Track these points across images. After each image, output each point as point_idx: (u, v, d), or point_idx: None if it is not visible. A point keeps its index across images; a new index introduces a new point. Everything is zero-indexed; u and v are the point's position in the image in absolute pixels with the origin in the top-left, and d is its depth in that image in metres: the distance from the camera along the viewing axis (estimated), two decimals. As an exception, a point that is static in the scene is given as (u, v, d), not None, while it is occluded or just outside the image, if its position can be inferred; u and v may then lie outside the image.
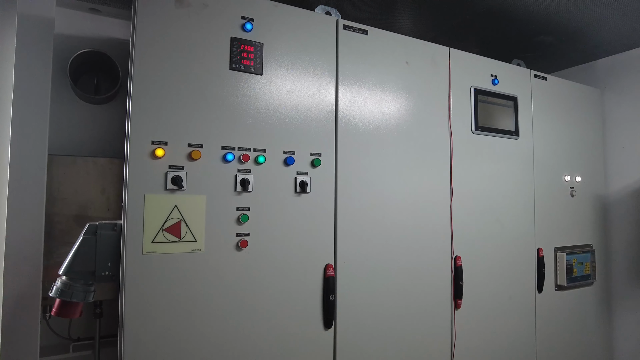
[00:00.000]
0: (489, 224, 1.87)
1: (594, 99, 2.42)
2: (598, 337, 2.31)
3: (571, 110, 2.28)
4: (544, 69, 2.71)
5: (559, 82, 2.23)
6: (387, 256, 1.58)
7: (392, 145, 1.63)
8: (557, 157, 2.17)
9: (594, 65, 2.58)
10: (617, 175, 2.42)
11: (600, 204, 2.37)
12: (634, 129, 2.36)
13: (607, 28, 2.17)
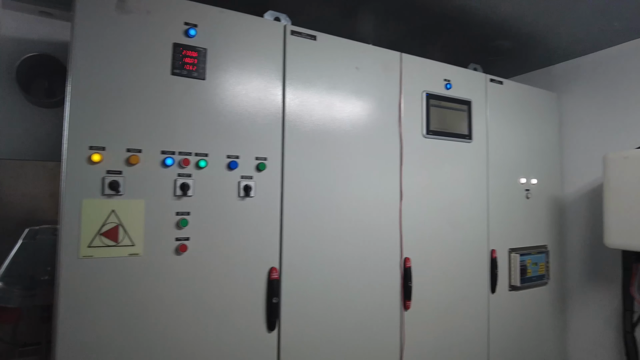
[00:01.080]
0: (441, 226, 1.90)
1: (551, 102, 2.48)
2: (552, 336, 2.37)
3: (528, 113, 2.33)
4: (504, 73, 2.77)
5: (515, 86, 2.28)
6: (335, 258, 1.60)
7: (342, 149, 1.65)
8: (512, 159, 2.22)
9: (551, 69, 2.64)
10: (572, 177, 2.49)
11: (556, 205, 2.43)
12: (588, 132, 2.43)
13: (562, 34, 2.23)
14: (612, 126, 2.32)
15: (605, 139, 2.34)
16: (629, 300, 2.15)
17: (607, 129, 2.34)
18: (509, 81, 2.25)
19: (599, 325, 2.34)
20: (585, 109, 2.45)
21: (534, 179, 2.30)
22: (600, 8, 1.93)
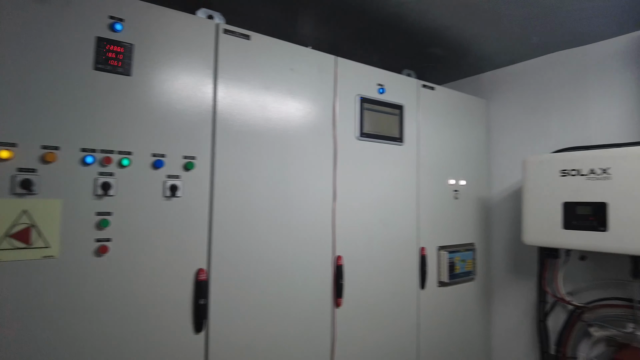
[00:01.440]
0: (373, 225, 1.97)
1: (480, 108, 2.64)
2: (478, 328, 2.53)
3: (458, 118, 2.46)
4: (438, 79, 2.90)
5: (446, 92, 2.40)
6: (267, 259, 1.62)
7: (276, 150, 1.67)
8: (442, 161, 2.33)
9: (480, 77, 2.81)
10: (498, 179, 2.66)
11: (483, 205, 2.59)
12: (513, 136, 2.61)
13: (490, 44, 2.38)
14: (533, 132, 2.51)
15: (528, 144, 2.53)
16: (543, 293, 2.34)
17: (529, 134, 2.53)
18: (440, 87, 2.36)
19: (518, 315, 2.52)
20: (511, 116, 2.63)
21: (463, 180, 2.43)
22: (519, 23, 2.08)
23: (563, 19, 2.02)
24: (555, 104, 2.42)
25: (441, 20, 2.10)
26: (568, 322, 2.24)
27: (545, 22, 2.05)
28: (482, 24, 2.12)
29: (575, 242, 1.95)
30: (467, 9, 1.97)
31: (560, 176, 2.00)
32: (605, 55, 2.22)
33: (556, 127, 2.40)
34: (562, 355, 2.26)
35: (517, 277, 2.54)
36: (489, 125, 2.72)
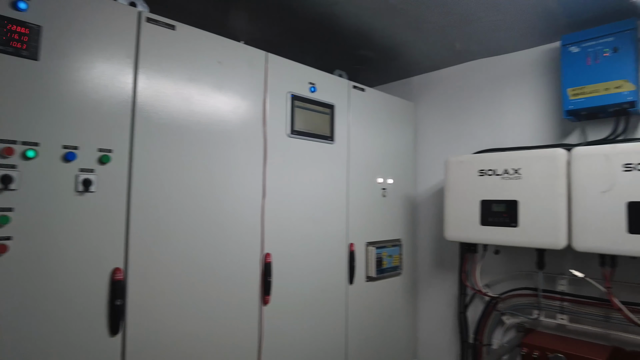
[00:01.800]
0: (302, 222, 1.98)
1: (408, 111, 2.75)
2: (405, 321, 2.63)
3: (387, 119, 2.55)
4: (370, 81, 2.99)
5: (376, 94, 2.48)
6: (190, 256, 1.57)
7: (202, 144, 1.62)
8: (371, 161, 2.40)
9: (410, 81, 2.93)
10: (424, 178, 2.79)
11: (409, 203, 2.70)
12: (438, 138, 2.75)
13: (417, 50, 2.49)
14: (456, 134, 2.66)
15: (451, 145, 2.68)
16: (463, 286, 2.49)
17: (452, 136, 2.68)
18: (370, 89, 2.43)
19: (442, 308, 2.66)
20: (436, 118, 2.77)
21: (390, 179, 2.52)
22: (442, 30, 2.20)
23: (480, 28, 2.16)
24: (476, 108, 2.58)
25: (371, 23, 2.17)
26: (484, 312, 2.41)
27: (464, 30, 2.19)
28: (410, 30, 2.22)
29: (491, 237, 2.10)
30: (394, 14, 2.05)
31: (478, 176, 2.15)
32: (519, 65, 2.42)
33: (477, 129, 2.57)
34: (479, 343, 2.42)
35: (441, 271, 2.68)
36: (416, 127, 2.84)
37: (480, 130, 2.55)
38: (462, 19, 2.06)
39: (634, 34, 1.87)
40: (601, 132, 2.08)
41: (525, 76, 2.38)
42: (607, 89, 1.90)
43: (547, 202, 1.91)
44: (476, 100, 2.58)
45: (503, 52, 2.46)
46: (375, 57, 2.59)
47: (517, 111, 2.41)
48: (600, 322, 2.03)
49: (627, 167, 1.71)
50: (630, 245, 1.69)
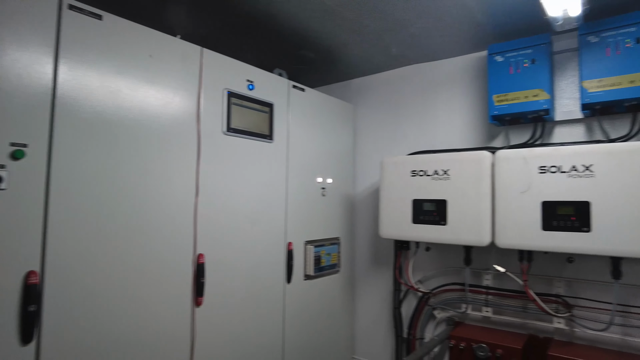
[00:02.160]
0: (239, 221, 1.96)
1: (348, 112, 2.80)
2: (343, 318, 2.68)
3: (327, 120, 2.58)
4: (312, 82, 3.02)
5: (316, 95, 2.50)
6: (116, 257, 1.49)
7: (130, 139, 1.55)
8: (311, 160, 2.42)
9: (350, 83, 2.99)
10: (362, 177, 2.86)
11: (348, 202, 2.76)
12: (377, 139, 2.83)
13: (355, 53, 2.54)
14: (393, 135, 2.75)
15: (389, 146, 2.77)
16: (397, 282, 2.58)
17: (390, 138, 2.77)
18: (310, 89, 2.45)
19: (378, 304, 2.74)
20: (375, 120, 2.85)
21: (330, 179, 2.56)
22: (379, 35, 2.26)
23: (414, 34, 2.25)
24: (412, 111, 2.69)
25: (309, 24, 2.19)
26: (417, 307, 2.51)
27: (399, 36, 2.27)
28: (348, 33, 2.26)
29: (422, 235, 2.19)
30: (332, 16, 2.08)
31: (410, 176, 2.23)
32: (451, 71, 2.54)
33: (412, 132, 2.68)
34: (412, 338, 2.52)
35: (378, 269, 2.76)
36: (356, 128, 2.91)
37: (416, 133, 2.66)
38: (397, 25, 2.14)
39: (549, 47, 2.03)
40: (522, 136, 2.24)
41: (457, 82, 2.51)
42: (527, 97, 2.05)
43: (473, 202, 2.02)
44: (412, 104, 2.69)
45: (437, 58, 2.58)
46: (316, 58, 2.62)
47: (449, 115, 2.53)
48: (519, 312, 2.19)
49: (542, 170, 1.86)
50: (544, 241, 1.84)
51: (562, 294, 2.07)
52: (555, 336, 2.11)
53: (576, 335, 2.06)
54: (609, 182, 1.71)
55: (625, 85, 1.81)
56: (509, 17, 2.02)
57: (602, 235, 1.72)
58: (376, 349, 2.75)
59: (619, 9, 1.90)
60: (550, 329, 2.12)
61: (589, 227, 1.74)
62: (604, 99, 1.86)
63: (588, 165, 1.76)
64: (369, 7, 1.98)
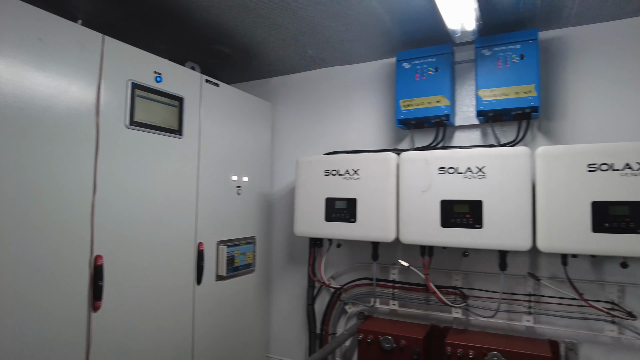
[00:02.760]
0: (144, 220, 1.86)
1: (266, 110, 2.79)
2: (257, 317, 2.67)
3: (244, 117, 2.55)
4: (231, 78, 2.96)
5: (232, 91, 2.45)
6: None
7: (14, 131, 1.40)
8: (225, 158, 2.37)
9: (270, 81, 2.98)
10: (280, 176, 2.87)
11: (265, 201, 2.75)
12: (294, 138, 2.85)
13: (273, 52, 2.53)
14: (311, 135, 2.79)
15: (306, 146, 2.80)
16: (311, 279, 2.62)
17: (307, 137, 2.80)
18: (226, 85, 2.40)
19: (293, 301, 2.77)
20: (293, 119, 2.87)
21: (246, 177, 2.53)
22: (294, 35, 2.28)
23: (328, 37, 2.30)
24: (328, 112, 2.75)
25: (225, 19, 2.14)
26: (329, 303, 2.58)
27: (315, 38, 2.31)
28: (265, 31, 2.25)
29: (334, 232, 2.25)
30: (246, 13, 2.06)
31: (324, 175, 2.28)
32: (365, 75, 2.64)
33: (328, 132, 2.73)
34: (325, 333, 2.58)
35: (293, 266, 2.79)
36: (274, 127, 2.90)
37: (332, 133, 2.72)
38: (312, 27, 2.17)
39: (450, 57, 2.20)
40: (426, 139, 2.39)
41: (369, 86, 2.62)
42: (430, 103, 2.19)
43: (380, 200, 2.12)
44: (329, 105, 2.75)
45: (351, 62, 2.66)
46: (232, 53, 2.57)
47: (362, 117, 2.63)
48: (422, 304, 2.34)
49: (441, 171, 2.00)
50: (443, 237, 1.98)
51: (460, 285, 2.25)
52: (454, 325, 2.29)
53: (471, 323, 2.25)
54: (498, 183, 1.89)
55: (512, 96, 2.01)
56: (415, 26, 2.14)
57: (492, 231, 1.89)
58: (291, 347, 2.77)
59: (508, 27, 2.10)
60: (449, 319, 2.29)
61: (481, 223, 1.91)
62: (495, 107, 2.05)
63: (481, 167, 1.93)
64: (284, 7, 1.98)
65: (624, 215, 1.69)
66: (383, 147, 2.53)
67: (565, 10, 1.97)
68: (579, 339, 2.03)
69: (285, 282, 2.81)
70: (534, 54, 2.00)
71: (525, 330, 2.13)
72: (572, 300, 1.98)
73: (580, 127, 2.09)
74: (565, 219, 1.77)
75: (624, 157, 1.70)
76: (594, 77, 2.07)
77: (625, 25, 2.03)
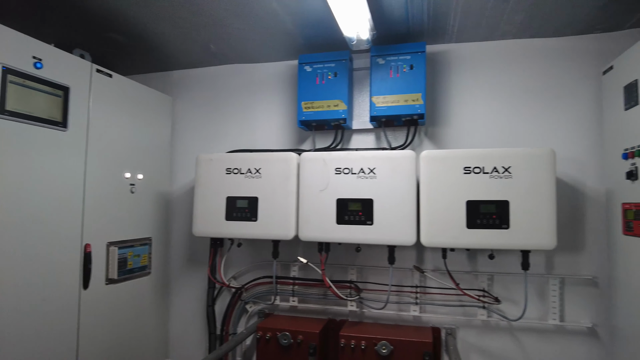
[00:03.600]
0: (16, 220, 1.68)
1: (166, 105, 2.67)
2: (154, 321, 2.54)
3: (141, 111, 2.42)
4: (128, 69, 2.79)
5: (127, 82, 2.31)
6: None
7: None
8: (118, 154, 2.23)
9: (170, 74, 2.86)
10: (181, 174, 2.77)
11: (163, 199, 2.63)
12: (196, 135, 2.77)
13: (173, 44, 2.44)
14: (214, 132, 2.74)
15: (210, 143, 2.74)
16: (211, 280, 2.58)
17: (211, 135, 2.74)
18: (120, 76, 2.26)
19: (193, 304, 2.69)
20: (196, 116, 2.79)
21: (140, 174, 2.40)
22: (196, 29, 2.23)
23: (230, 34, 2.28)
24: (232, 110, 2.72)
25: (119, 7, 2.01)
26: (230, 303, 2.55)
27: (217, 33, 2.27)
28: (163, 22, 2.16)
29: (235, 231, 2.23)
30: (144, 2, 1.96)
31: (225, 174, 2.26)
32: (269, 75, 2.66)
33: (232, 130, 2.71)
34: (225, 334, 2.55)
35: (194, 268, 2.71)
36: (175, 122, 2.80)
37: (236, 131, 2.70)
38: (213, 21, 2.14)
39: (348, 63, 2.31)
40: (326, 141, 2.49)
41: (274, 86, 2.65)
42: (329, 106, 2.29)
43: (281, 199, 2.16)
44: (233, 103, 2.72)
45: (256, 61, 2.66)
46: (128, 43, 2.42)
47: (266, 117, 2.65)
48: (321, 299, 2.42)
49: (337, 171, 2.10)
50: (338, 234, 2.08)
51: (354, 279, 2.37)
52: (350, 318, 2.41)
53: (365, 315, 2.39)
54: (387, 183, 2.04)
55: (402, 103, 2.18)
56: (316, 30, 2.21)
57: (381, 227, 2.03)
58: (190, 350, 2.69)
59: (400, 38, 2.27)
60: (345, 312, 2.41)
61: (372, 220, 2.04)
62: (387, 113, 2.20)
63: (372, 168, 2.06)
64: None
65: (492, 213, 1.92)
66: (287, 147, 2.57)
67: (448, 28, 2.18)
68: (457, 324, 2.27)
69: (184, 284, 2.72)
70: (422, 65, 2.18)
71: (413, 319, 2.32)
72: (452, 289, 2.20)
73: (461, 133, 2.33)
74: (445, 217, 1.97)
75: (492, 162, 1.94)
76: (472, 89, 2.33)
77: (495, 46, 2.32)
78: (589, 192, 2.15)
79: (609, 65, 1.97)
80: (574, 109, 2.19)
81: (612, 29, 2.14)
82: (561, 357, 2.15)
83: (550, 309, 2.15)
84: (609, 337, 2.05)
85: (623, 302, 1.89)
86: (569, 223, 2.16)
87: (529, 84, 2.26)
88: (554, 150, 1.90)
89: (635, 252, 1.77)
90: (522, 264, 2.01)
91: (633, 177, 1.76)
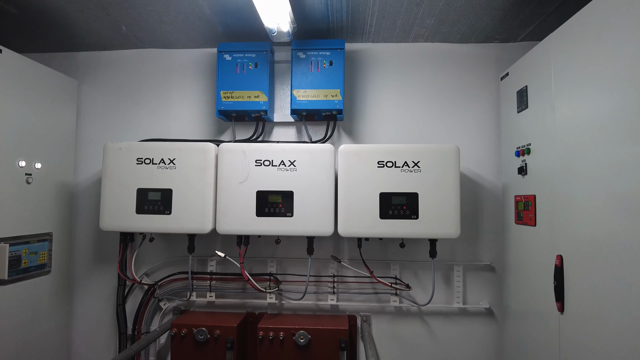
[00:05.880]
0: None
1: (70, 88, 2.45)
2: (54, 324, 2.32)
3: (39, 94, 2.18)
4: (25, 46, 2.50)
5: (22, 60, 2.08)
6: None
7: None
8: (10, 140, 2.00)
9: (75, 55, 2.61)
10: (88, 164, 2.55)
11: (66, 191, 2.41)
12: (106, 123, 2.56)
13: (77, 22, 2.22)
14: (125, 120, 2.55)
15: (120, 131, 2.55)
16: (121, 277, 2.42)
17: (122, 122, 2.55)
18: (13, 52, 2.02)
19: (101, 303, 2.50)
20: (105, 101, 2.58)
21: (39, 163, 2.17)
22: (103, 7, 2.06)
23: (143, 16, 2.14)
24: (146, 97, 2.56)
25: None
26: (142, 300, 2.42)
27: (128, 14, 2.12)
28: (66, -3, 1.96)
29: (147, 225, 2.11)
30: (41, -29, 1.77)
31: (136, 164, 2.13)
32: (186, 62, 2.55)
33: (145, 118, 2.55)
34: (137, 333, 2.41)
35: (102, 265, 2.52)
36: (81, 108, 2.57)
37: (149, 120, 2.55)
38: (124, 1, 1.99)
39: (269, 55, 2.29)
40: (247, 132, 2.45)
41: (191, 74, 2.54)
42: (249, 97, 2.25)
43: (197, 191, 2.09)
44: (146, 89, 2.56)
45: (172, 47, 2.54)
46: (22, 16, 2.16)
47: (182, 105, 2.53)
48: (240, 293, 2.39)
49: (258, 163, 2.08)
50: (258, 226, 2.06)
51: (274, 272, 2.37)
52: (269, 310, 2.41)
53: (284, 307, 2.41)
54: (307, 176, 2.06)
55: (322, 98, 2.22)
56: (236, 19, 2.16)
57: (301, 219, 2.05)
58: (98, 352, 2.50)
59: (321, 34, 2.31)
60: (265, 305, 2.40)
61: (292, 212, 2.05)
62: (307, 107, 2.23)
63: (292, 161, 2.07)
64: (88, -28, 1.77)
65: (403, 204, 2.04)
66: (204, 138, 2.49)
67: (366, 27, 2.26)
68: (371, 311, 2.38)
69: (91, 282, 2.52)
70: (340, 61, 2.24)
71: (331, 308, 2.38)
72: (367, 278, 2.30)
73: (377, 129, 2.43)
74: (360, 208, 2.04)
75: (403, 157, 2.05)
76: (386, 87, 2.44)
77: (409, 48, 2.45)
78: (488, 185, 2.37)
79: (505, 71, 2.18)
80: (476, 110, 2.40)
81: (509, 40, 2.38)
82: (464, 336, 2.35)
83: (455, 293, 2.34)
84: (502, 315, 2.29)
85: (513, 285, 2.12)
86: (471, 214, 2.36)
87: (438, 85, 2.42)
88: (459, 147, 2.06)
89: (524, 238, 1.99)
90: (430, 252, 2.16)
91: (523, 172, 1.97)
